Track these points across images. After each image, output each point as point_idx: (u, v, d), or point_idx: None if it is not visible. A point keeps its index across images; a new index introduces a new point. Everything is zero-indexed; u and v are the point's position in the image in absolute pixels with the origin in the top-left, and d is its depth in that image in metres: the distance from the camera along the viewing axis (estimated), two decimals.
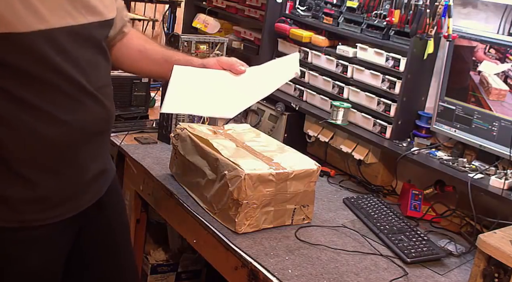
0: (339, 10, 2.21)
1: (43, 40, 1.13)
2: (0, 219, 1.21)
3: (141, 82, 2.42)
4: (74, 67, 1.19)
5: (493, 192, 1.66)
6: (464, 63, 1.83)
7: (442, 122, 1.91)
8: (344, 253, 1.58)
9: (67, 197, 1.29)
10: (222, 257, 1.59)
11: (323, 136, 2.28)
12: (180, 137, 1.86)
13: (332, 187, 2.10)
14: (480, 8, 1.84)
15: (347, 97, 2.17)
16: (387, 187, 2.13)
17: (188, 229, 1.77)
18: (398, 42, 1.97)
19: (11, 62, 1.13)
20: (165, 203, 1.89)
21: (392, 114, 2.00)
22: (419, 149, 1.95)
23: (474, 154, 1.87)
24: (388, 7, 1.98)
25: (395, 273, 1.51)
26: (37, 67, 1.14)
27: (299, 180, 1.66)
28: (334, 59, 2.21)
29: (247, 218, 1.59)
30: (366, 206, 1.88)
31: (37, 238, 1.26)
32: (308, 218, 1.74)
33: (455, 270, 1.59)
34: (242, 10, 2.70)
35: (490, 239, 1.29)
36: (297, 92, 2.39)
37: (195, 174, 1.77)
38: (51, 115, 1.19)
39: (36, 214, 1.24)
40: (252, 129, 1.99)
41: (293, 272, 1.45)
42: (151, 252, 2.42)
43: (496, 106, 1.74)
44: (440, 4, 1.78)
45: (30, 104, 1.16)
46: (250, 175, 1.55)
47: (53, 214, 1.27)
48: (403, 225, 1.75)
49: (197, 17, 2.92)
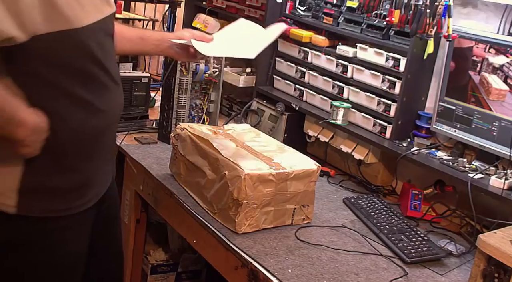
0: (339, 10, 2.21)
1: (88, 34, 1.21)
2: (47, 210, 1.28)
3: (141, 82, 2.42)
4: (106, 59, 1.28)
5: (493, 192, 1.66)
6: (464, 63, 1.83)
7: (442, 122, 1.91)
8: (344, 253, 1.58)
9: (97, 182, 1.39)
10: (222, 257, 1.59)
11: (323, 136, 2.28)
12: (180, 137, 1.86)
13: (332, 187, 2.10)
14: (480, 8, 1.84)
15: (347, 97, 2.17)
16: (387, 187, 2.13)
17: (188, 229, 1.77)
18: (398, 42, 1.97)
19: (65, 58, 1.19)
20: (165, 203, 1.89)
21: (392, 114, 2.00)
22: (419, 149, 1.95)
23: (474, 154, 1.87)
24: (388, 7, 1.98)
25: (395, 273, 1.51)
26: (84, 60, 1.22)
27: (299, 180, 1.66)
28: (334, 59, 2.21)
29: (247, 218, 1.59)
30: (366, 206, 1.88)
31: (75, 224, 1.35)
32: (308, 218, 1.74)
33: (455, 270, 1.59)
34: (242, 10, 2.70)
35: (490, 239, 1.29)
36: (297, 92, 2.39)
37: (195, 174, 1.77)
38: (93, 106, 1.27)
39: (77, 200, 1.32)
40: (252, 129, 1.99)
41: (293, 272, 1.45)
42: (151, 252, 2.42)
43: (496, 106, 1.74)
44: (440, 4, 1.78)
45: (78, 97, 1.24)
46: (250, 175, 1.55)
47: (88, 199, 1.35)
48: (403, 225, 1.75)
49: (197, 17, 2.92)
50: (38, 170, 1.24)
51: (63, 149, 1.26)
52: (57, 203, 1.29)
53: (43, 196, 1.27)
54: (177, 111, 2.22)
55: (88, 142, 1.30)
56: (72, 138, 1.26)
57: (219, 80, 2.31)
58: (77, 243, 1.39)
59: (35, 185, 1.25)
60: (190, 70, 2.19)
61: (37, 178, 1.25)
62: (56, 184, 1.27)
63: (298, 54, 2.37)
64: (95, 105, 1.28)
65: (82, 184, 1.33)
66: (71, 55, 1.20)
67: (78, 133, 1.26)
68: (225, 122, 2.49)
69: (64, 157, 1.27)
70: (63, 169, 1.28)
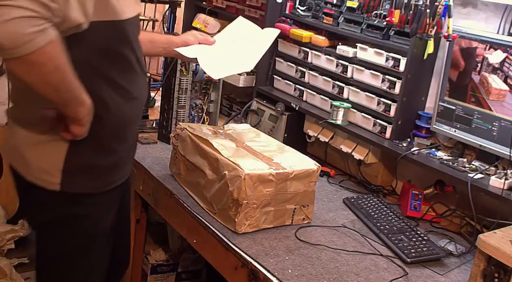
0: (339, 10, 2.21)
1: (128, 26, 1.34)
2: (87, 187, 1.40)
3: None
4: (139, 50, 1.43)
5: (493, 192, 1.66)
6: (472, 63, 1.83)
7: (442, 122, 1.91)
8: (344, 253, 1.58)
9: (127, 162, 1.55)
10: (222, 257, 1.59)
11: (323, 136, 2.28)
12: (180, 137, 1.86)
13: (332, 187, 2.10)
14: (480, 8, 1.84)
15: (347, 97, 2.17)
16: (387, 187, 2.13)
17: (188, 229, 1.77)
18: (398, 42, 1.97)
19: (111, 46, 1.32)
20: (165, 203, 1.89)
21: (392, 114, 2.00)
22: (419, 149, 1.95)
23: (474, 154, 1.87)
24: (388, 7, 1.98)
25: (395, 273, 1.51)
26: (125, 50, 1.36)
27: (299, 180, 1.66)
28: (334, 59, 2.21)
29: (247, 218, 1.59)
30: (366, 206, 1.88)
31: (108, 200, 1.49)
32: (308, 218, 1.74)
33: (455, 270, 1.59)
34: (242, 10, 2.70)
35: (490, 239, 1.29)
36: (297, 92, 2.39)
37: (195, 174, 1.77)
38: (129, 93, 1.40)
39: (112, 178, 1.47)
40: (252, 129, 1.99)
41: (293, 272, 1.45)
42: (151, 252, 2.42)
43: (496, 106, 1.74)
44: (440, 4, 1.78)
45: (118, 84, 1.36)
46: (250, 175, 1.55)
47: (120, 176, 1.50)
48: (403, 225, 1.75)
49: (197, 17, 2.92)
50: (80, 150, 1.36)
51: (104, 131, 1.38)
52: (96, 181, 1.42)
53: (84, 175, 1.39)
54: (177, 111, 2.22)
55: (124, 126, 1.43)
56: (111, 122, 1.38)
57: (219, 80, 2.31)
58: (110, 216, 1.52)
59: (77, 164, 1.37)
60: (190, 70, 2.19)
61: (79, 158, 1.37)
62: (95, 163, 1.40)
63: (298, 54, 2.37)
64: (130, 92, 1.40)
65: (117, 164, 1.47)
66: (115, 44, 1.33)
67: (116, 117, 1.39)
68: (225, 122, 2.49)
69: (104, 139, 1.39)
70: (102, 150, 1.40)
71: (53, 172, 1.36)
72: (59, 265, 1.50)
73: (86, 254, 1.49)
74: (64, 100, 1.25)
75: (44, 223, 1.44)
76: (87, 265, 1.52)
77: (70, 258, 1.48)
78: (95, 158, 1.40)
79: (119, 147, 1.45)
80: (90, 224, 1.46)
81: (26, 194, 1.45)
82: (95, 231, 1.49)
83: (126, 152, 1.51)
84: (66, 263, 1.49)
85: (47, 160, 1.35)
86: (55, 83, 1.19)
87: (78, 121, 1.29)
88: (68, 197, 1.39)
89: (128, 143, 1.50)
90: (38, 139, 1.35)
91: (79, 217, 1.43)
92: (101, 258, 1.56)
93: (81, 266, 1.51)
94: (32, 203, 1.45)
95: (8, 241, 2.75)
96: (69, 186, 1.37)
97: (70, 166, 1.36)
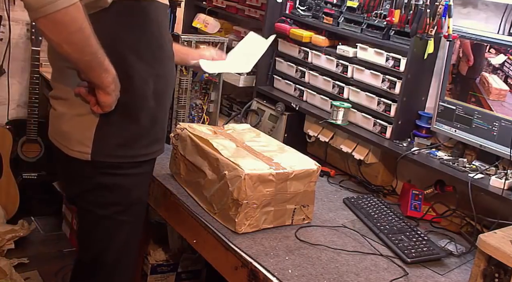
0: (339, 10, 2.21)
1: (153, 7, 1.47)
2: (116, 156, 1.52)
3: None
4: (163, 35, 1.55)
5: (493, 192, 1.66)
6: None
7: (442, 122, 1.91)
8: (344, 253, 1.58)
9: (159, 139, 1.64)
10: (222, 257, 1.59)
11: (323, 136, 2.28)
12: (180, 137, 1.86)
13: (332, 187, 2.10)
14: (480, 8, 1.84)
15: (347, 97, 2.17)
16: (387, 187, 2.13)
17: (188, 229, 1.77)
18: (398, 42, 1.97)
19: (136, 23, 1.45)
20: (165, 203, 1.89)
21: (392, 114, 2.00)
22: (419, 149, 1.95)
23: (474, 154, 1.87)
24: (388, 7, 1.98)
25: (395, 273, 1.51)
26: (152, 28, 1.49)
27: (299, 180, 1.66)
28: (334, 59, 2.21)
29: (247, 218, 1.59)
30: (366, 206, 1.88)
31: (141, 173, 1.61)
32: (308, 218, 1.73)
33: (455, 270, 1.59)
34: (242, 10, 2.70)
35: (490, 239, 1.28)
36: (297, 92, 2.39)
37: (195, 174, 1.77)
38: (153, 69, 1.52)
39: (141, 149, 1.56)
40: (252, 129, 1.98)
41: (293, 272, 1.45)
42: (151, 252, 2.42)
43: (496, 106, 1.74)
44: (440, 4, 1.78)
45: (145, 60, 1.48)
46: (250, 175, 1.55)
47: (149, 151, 1.59)
48: (403, 225, 1.75)
49: (197, 17, 2.92)
50: (109, 121, 1.48)
51: (130, 102, 1.48)
52: (125, 151, 1.53)
53: (113, 145, 1.51)
54: (177, 111, 2.22)
55: (149, 101, 1.53)
56: (137, 96, 1.50)
57: (219, 80, 2.31)
58: (142, 187, 1.66)
59: (107, 134, 1.49)
60: (190, 70, 2.19)
61: (108, 129, 1.49)
62: (123, 133, 1.51)
63: (298, 54, 2.37)
64: (155, 69, 1.52)
65: (143, 136, 1.56)
66: (139, 20, 1.45)
67: (141, 91, 1.50)
68: (225, 122, 2.49)
69: (130, 110, 1.50)
70: (129, 119, 1.51)
71: (86, 142, 1.49)
72: (94, 236, 1.62)
73: (119, 225, 1.61)
74: (89, 63, 1.35)
75: (81, 194, 1.59)
76: (120, 237, 1.63)
77: (104, 229, 1.60)
78: (123, 128, 1.51)
79: (147, 121, 1.54)
80: (121, 195, 1.57)
81: (65, 168, 1.60)
82: (126, 202, 1.59)
83: (155, 128, 1.60)
84: (101, 233, 1.61)
85: (81, 132, 1.49)
86: (79, 43, 1.30)
87: (104, 89, 1.40)
88: (99, 167, 1.51)
89: (158, 121, 1.60)
90: (73, 114, 1.50)
91: (111, 187, 1.55)
92: (134, 231, 1.67)
93: (115, 237, 1.62)
94: (70, 175, 1.61)
95: (8, 241, 2.76)
96: (99, 155, 1.50)
97: (100, 136, 1.49)
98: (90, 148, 1.49)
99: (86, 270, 1.69)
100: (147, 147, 1.59)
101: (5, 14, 3.01)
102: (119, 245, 1.64)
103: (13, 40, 3.09)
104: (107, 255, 1.64)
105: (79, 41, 1.29)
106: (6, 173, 2.94)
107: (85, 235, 1.68)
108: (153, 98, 1.54)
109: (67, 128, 1.51)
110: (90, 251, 1.66)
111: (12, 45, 3.09)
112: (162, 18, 1.56)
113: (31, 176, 3.08)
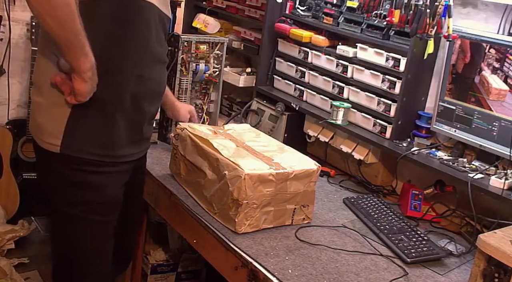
0: (339, 10, 2.21)
1: (145, 7, 1.47)
2: (85, 152, 1.50)
3: None
4: (155, 40, 1.55)
5: (493, 192, 1.66)
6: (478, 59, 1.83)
7: (442, 122, 1.91)
8: (344, 253, 1.58)
9: (135, 142, 1.61)
10: (222, 257, 1.59)
11: (323, 136, 2.28)
12: (180, 137, 1.86)
13: (332, 187, 2.10)
14: (480, 8, 1.84)
15: (347, 97, 2.17)
16: (387, 187, 2.13)
17: (188, 229, 1.77)
18: (398, 42, 1.97)
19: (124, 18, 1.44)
20: (165, 203, 1.89)
21: (392, 114, 2.00)
22: (419, 149, 1.95)
23: (474, 154, 1.87)
24: (388, 7, 1.98)
25: (395, 273, 1.51)
26: (141, 27, 1.48)
27: (299, 180, 1.66)
28: (334, 59, 2.21)
29: (247, 218, 1.59)
30: (366, 206, 1.88)
31: (114, 172, 1.58)
32: (308, 218, 1.74)
33: (455, 270, 1.59)
34: (242, 10, 2.70)
35: (490, 239, 1.28)
36: (297, 92, 2.39)
37: (195, 174, 1.77)
38: (136, 68, 1.51)
39: (115, 150, 1.55)
40: (252, 129, 1.99)
41: (293, 272, 1.45)
42: (151, 252, 2.42)
43: (496, 106, 1.74)
44: (440, 4, 1.78)
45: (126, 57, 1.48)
46: (250, 175, 1.55)
47: (123, 153, 1.57)
48: (403, 225, 1.75)
49: (197, 17, 2.92)
50: (82, 114, 1.47)
51: (106, 99, 1.47)
52: (95, 149, 1.50)
53: (84, 139, 1.49)
54: None
55: (126, 101, 1.51)
56: (114, 94, 1.49)
57: (219, 80, 2.31)
58: (116, 186, 1.61)
59: (78, 127, 1.48)
60: (190, 70, 2.19)
61: (80, 122, 1.48)
62: (95, 129, 1.49)
63: (298, 54, 2.37)
64: (138, 69, 1.51)
65: (118, 137, 1.54)
66: (128, 16, 1.44)
67: (119, 90, 1.49)
68: (225, 122, 2.49)
69: (106, 107, 1.49)
70: (103, 118, 1.49)
71: (57, 134, 1.48)
72: (63, 235, 1.61)
73: (89, 224, 1.58)
74: (70, 43, 1.34)
75: (52, 190, 1.57)
76: (90, 237, 1.60)
77: (73, 229, 1.58)
78: (96, 124, 1.49)
79: (121, 121, 1.52)
80: (92, 193, 1.55)
81: (38, 161, 1.60)
82: (98, 200, 1.56)
83: (130, 130, 1.57)
84: (70, 233, 1.59)
85: (53, 123, 1.48)
86: (62, 18, 1.29)
87: (80, 74, 1.37)
88: (70, 162, 1.49)
89: (134, 122, 1.57)
90: (47, 104, 1.49)
91: (82, 184, 1.53)
92: (106, 231, 1.63)
93: (84, 238, 1.59)
94: (42, 169, 1.60)
95: (8, 241, 2.76)
96: (69, 149, 1.48)
97: (72, 129, 1.48)
98: (61, 139, 1.48)
99: (57, 274, 1.67)
100: (122, 148, 1.57)
101: (5, 14, 3.01)
102: (90, 246, 1.61)
103: (13, 40, 3.09)
104: (76, 257, 1.61)
105: (63, 16, 1.29)
106: (6, 173, 2.94)
107: (55, 235, 1.65)
108: (130, 100, 1.52)
109: (40, 120, 1.51)
110: (58, 252, 1.65)
111: (12, 45, 3.09)
112: (158, 24, 1.54)
113: (31, 176, 3.07)
